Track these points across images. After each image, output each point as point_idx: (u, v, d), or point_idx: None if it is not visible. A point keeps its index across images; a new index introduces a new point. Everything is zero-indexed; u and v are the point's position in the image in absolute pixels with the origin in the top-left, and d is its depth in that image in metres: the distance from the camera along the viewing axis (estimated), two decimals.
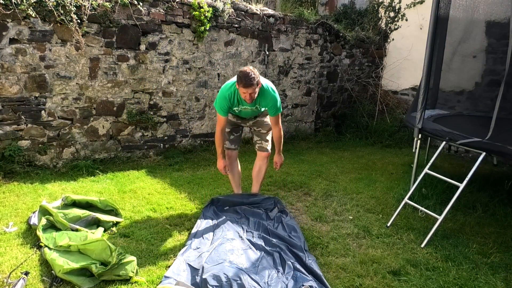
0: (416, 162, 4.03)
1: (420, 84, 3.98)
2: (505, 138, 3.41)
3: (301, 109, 6.91)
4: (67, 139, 4.68)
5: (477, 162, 3.29)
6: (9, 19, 4.06)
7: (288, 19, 6.30)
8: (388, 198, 4.14)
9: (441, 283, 2.62)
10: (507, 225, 3.56)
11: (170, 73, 5.29)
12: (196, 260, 2.68)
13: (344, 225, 3.50)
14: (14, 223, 3.22)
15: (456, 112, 5.14)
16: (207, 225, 3.26)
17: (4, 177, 4.13)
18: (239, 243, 2.94)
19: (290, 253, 2.81)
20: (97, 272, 2.46)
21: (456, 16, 4.42)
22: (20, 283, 2.39)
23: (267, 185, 4.42)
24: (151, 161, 5.16)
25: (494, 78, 5.17)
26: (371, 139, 6.77)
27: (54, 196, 3.84)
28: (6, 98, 4.21)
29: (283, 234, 3.10)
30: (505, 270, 2.83)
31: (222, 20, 5.54)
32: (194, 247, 2.88)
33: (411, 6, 7.04)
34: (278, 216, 3.44)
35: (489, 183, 4.40)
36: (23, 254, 2.78)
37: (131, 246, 2.97)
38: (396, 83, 7.39)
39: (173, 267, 2.62)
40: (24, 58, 4.24)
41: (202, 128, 5.82)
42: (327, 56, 6.95)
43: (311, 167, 5.21)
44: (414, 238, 3.27)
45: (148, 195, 3.99)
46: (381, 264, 2.84)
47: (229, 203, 3.66)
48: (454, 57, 4.81)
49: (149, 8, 4.91)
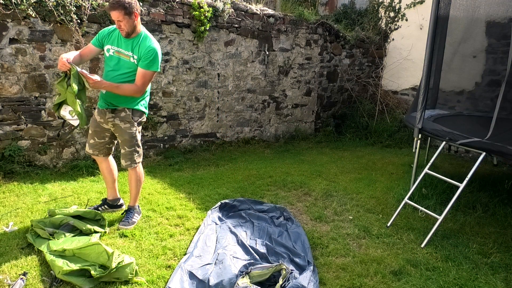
0: (416, 162, 4.03)
1: (420, 84, 3.98)
2: (505, 138, 3.41)
3: (301, 109, 6.91)
4: (67, 139, 4.68)
5: (477, 162, 3.29)
6: (9, 19, 4.06)
7: (288, 19, 6.30)
8: (388, 198, 4.14)
9: (441, 283, 2.62)
10: (507, 225, 3.56)
11: (170, 73, 5.29)
12: (199, 270, 2.61)
13: (344, 225, 3.49)
14: (14, 223, 3.22)
15: (456, 112, 5.14)
16: (211, 231, 3.21)
17: (4, 177, 4.13)
18: (243, 254, 2.88)
19: (292, 262, 2.79)
20: (96, 275, 2.46)
21: (456, 16, 4.42)
22: (19, 284, 2.39)
23: (267, 185, 4.42)
24: (151, 161, 5.16)
25: (494, 78, 5.17)
26: (371, 139, 6.77)
27: (54, 196, 3.84)
28: (6, 98, 4.21)
29: (287, 243, 3.07)
30: (505, 270, 2.83)
31: (222, 20, 5.54)
32: (196, 255, 2.82)
33: (411, 6, 7.04)
34: (284, 224, 3.39)
35: (489, 183, 4.40)
36: (23, 254, 2.78)
37: (131, 246, 2.97)
38: (396, 83, 7.39)
39: (175, 277, 2.54)
40: (24, 58, 4.24)
41: (202, 128, 5.82)
42: (327, 56, 6.95)
43: (311, 167, 5.21)
44: (414, 238, 3.27)
45: (148, 195, 3.99)
46: (381, 264, 2.84)
47: (236, 209, 3.65)
48: (454, 57, 4.82)
49: (149, 8, 4.91)
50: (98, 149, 3.38)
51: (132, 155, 3.27)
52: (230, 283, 2.46)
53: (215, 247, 2.97)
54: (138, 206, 3.48)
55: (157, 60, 3.04)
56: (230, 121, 6.10)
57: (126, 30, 2.97)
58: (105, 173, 3.51)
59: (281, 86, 6.52)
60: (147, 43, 3.03)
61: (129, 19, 2.92)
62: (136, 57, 3.05)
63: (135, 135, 3.25)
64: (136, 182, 3.38)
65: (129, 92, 3.07)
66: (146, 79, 3.06)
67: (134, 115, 3.21)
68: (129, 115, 3.18)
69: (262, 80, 6.27)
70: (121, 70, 3.11)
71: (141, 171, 3.42)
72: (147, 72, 3.04)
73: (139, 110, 3.24)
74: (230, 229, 3.23)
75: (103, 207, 3.57)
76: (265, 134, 6.55)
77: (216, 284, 2.45)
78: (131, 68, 3.09)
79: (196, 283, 2.50)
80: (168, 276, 2.60)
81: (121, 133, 3.21)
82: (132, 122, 3.21)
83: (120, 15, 2.89)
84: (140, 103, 3.23)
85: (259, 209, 3.66)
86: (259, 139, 6.45)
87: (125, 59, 3.09)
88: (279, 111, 6.61)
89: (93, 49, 3.18)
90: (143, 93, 3.15)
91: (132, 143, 3.24)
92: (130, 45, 3.05)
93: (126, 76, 3.11)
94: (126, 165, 3.30)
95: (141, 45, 3.02)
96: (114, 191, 3.60)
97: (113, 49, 3.11)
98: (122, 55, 3.09)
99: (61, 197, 3.83)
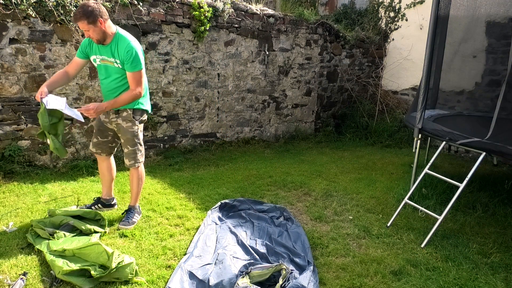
0: (416, 162, 4.03)
1: (420, 84, 3.98)
2: (505, 138, 3.41)
3: (301, 109, 6.91)
4: (67, 139, 4.68)
5: (477, 162, 3.29)
6: (9, 19, 4.06)
7: (288, 19, 6.30)
8: (388, 198, 4.14)
9: (441, 283, 2.62)
10: (507, 225, 3.56)
11: (170, 73, 5.29)
12: (199, 270, 2.62)
13: (344, 225, 3.50)
14: (14, 223, 3.22)
15: (456, 112, 5.14)
16: (211, 231, 3.21)
17: (4, 177, 4.13)
18: (243, 254, 2.88)
19: (292, 262, 2.79)
20: (96, 275, 2.46)
21: (457, 16, 4.43)
22: (19, 284, 2.39)
23: (267, 185, 4.42)
24: (151, 161, 5.16)
25: (494, 78, 5.18)
26: (371, 139, 6.77)
27: (54, 196, 3.84)
28: (6, 98, 4.21)
29: (287, 243, 3.06)
30: (505, 270, 2.83)
31: (222, 20, 5.54)
32: (196, 255, 2.82)
33: (411, 6, 7.04)
34: (284, 224, 3.40)
35: (489, 183, 4.41)
36: (23, 254, 2.78)
37: (131, 246, 2.98)
38: (396, 83, 7.39)
39: (175, 277, 2.54)
40: (24, 58, 4.24)
41: (202, 128, 5.82)
42: (327, 56, 6.95)
43: (311, 167, 5.21)
44: (414, 238, 3.27)
45: (148, 195, 3.99)
46: (381, 264, 2.84)
47: (236, 209, 3.65)
48: (454, 57, 4.82)
49: (149, 8, 4.91)
50: (101, 148, 3.42)
51: (135, 154, 3.30)
52: (230, 283, 2.46)
53: (215, 247, 2.97)
54: (138, 206, 3.49)
55: (138, 58, 3.04)
56: (230, 121, 6.10)
57: (96, 38, 2.96)
58: (104, 172, 3.53)
59: (281, 86, 6.52)
60: (123, 44, 3.01)
61: (95, 27, 2.89)
62: (119, 61, 3.06)
63: (137, 133, 3.29)
64: (138, 181, 3.40)
65: (130, 99, 3.10)
66: (137, 80, 3.08)
67: (135, 114, 3.25)
68: (130, 114, 3.23)
69: (262, 80, 6.27)
70: (112, 76, 3.15)
71: (143, 171, 3.45)
72: (134, 73, 3.05)
73: (139, 109, 3.28)
74: (230, 229, 3.23)
75: (97, 206, 3.58)
76: (265, 134, 6.55)
77: (216, 284, 2.45)
78: (119, 72, 3.12)
79: (196, 283, 2.50)
80: (168, 276, 2.60)
81: (123, 132, 3.26)
82: (134, 121, 3.25)
83: (85, 25, 2.88)
84: (139, 102, 3.26)
85: (259, 209, 3.66)
86: (259, 139, 6.45)
87: (111, 66, 3.11)
88: (279, 111, 6.61)
89: (79, 62, 3.22)
90: (143, 93, 3.16)
91: (134, 142, 3.28)
92: (110, 51, 3.06)
93: (118, 81, 3.15)
94: (130, 164, 3.33)
95: (119, 49, 3.02)
96: (110, 190, 3.62)
97: (98, 58, 3.14)
98: (107, 62, 3.11)
99: (61, 197, 3.83)
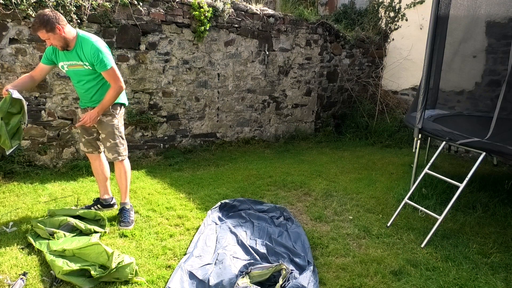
0: (416, 162, 4.03)
1: (420, 84, 3.98)
2: (505, 138, 3.41)
3: (301, 109, 6.91)
4: (67, 139, 4.68)
5: (477, 162, 3.29)
6: (9, 19, 4.06)
7: (288, 19, 6.30)
8: (388, 198, 4.14)
9: (441, 283, 2.62)
10: (507, 225, 3.56)
11: (170, 73, 5.29)
12: (199, 270, 2.61)
13: (344, 225, 3.49)
14: (14, 223, 3.22)
15: (456, 112, 5.14)
16: (211, 231, 3.21)
17: (4, 177, 4.13)
18: (243, 254, 2.88)
19: (292, 262, 2.79)
20: (96, 275, 2.46)
21: (457, 16, 4.42)
22: (19, 284, 2.39)
23: (267, 185, 4.42)
24: (151, 161, 5.16)
25: (494, 78, 5.18)
26: (371, 139, 6.77)
27: (54, 196, 3.84)
28: None
29: (287, 243, 3.06)
30: (505, 270, 2.83)
31: (222, 20, 5.54)
32: (196, 255, 2.82)
33: (411, 6, 7.04)
34: (284, 224, 3.40)
35: (489, 183, 4.40)
36: (23, 254, 2.78)
37: (131, 246, 2.98)
38: (396, 83, 7.39)
39: (175, 277, 2.54)
40: (24, 58, 4.24)
41: (202, 128, 5.82)
42: (327, 56, 6.95)
43: (311, 167, 5.21)
44: (414, 238, 3.27)
45: (148, 195, 3.99)
46: (381, 264, 2.84)
47: (236, 209, 3.65)
48: (454, 57, 4.82)
49: (149, 8, 4.91)
50: (91, 145, 3.46)
51: (117, 147, 3.33)
52: (230, 283, 2.46)
53: (215, 247, 2.97)
54: (128, 202, 3.50)
55: (104, 57, 3.05)
56: (230, 121, 6.10)
57: (59, 45, 2.97)
58: (98, 171, 3.56)
59: (281, 86, 6.52)
60: (88, 46, 3.02)
61: (54, 34, 2.89)
62: (88, 63, 3.07)
63: (118, 127, 3.32)
64: (125, 175, 3.42)
65: (114, 96, 3.16)
66: (113, 76, 3.11)
67: (113, 108, 3.29)
68: (108, 109, 3.25)
69: (262, 80, 6.27)
70: (84, 79, 3.18)
71: (128, 165, 3.46)
72: (108, 71, 3.08)
73: (116, 103, 3.31)
74: (230, 229, 3.22)
75: (96, 206, 3.59)
76: (265, 134, 6.55)
77: (216, 284, 2.45)
78: (90, 73, 3.14)
79: (196, 283, 2.50)
80: (168, 276, 2.60)
81: (104, 126, 3.28)
82: (113, 114, 3.28)
83: (44, 34, 2.88)
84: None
85: (259, 209, 3.66)
86: (259, 139, 6.45)
87: (80, 69, 3.13)
88: (279, 111, 6.61)
89: (44, 67, 3.23)
90: (123, 85, 3.19)
91: (115, 135, 3.30)
92: (77, 55, 3.06)
93: (90, 80, 3.18)
94: (113, 158, 3.35)
95: (84, 51, 3.03)
96: (107, 190, 3.64)
97: (66, 64, 3.15)
98: (76, 66, 3.12)
99: (61, 197, 3.83)
